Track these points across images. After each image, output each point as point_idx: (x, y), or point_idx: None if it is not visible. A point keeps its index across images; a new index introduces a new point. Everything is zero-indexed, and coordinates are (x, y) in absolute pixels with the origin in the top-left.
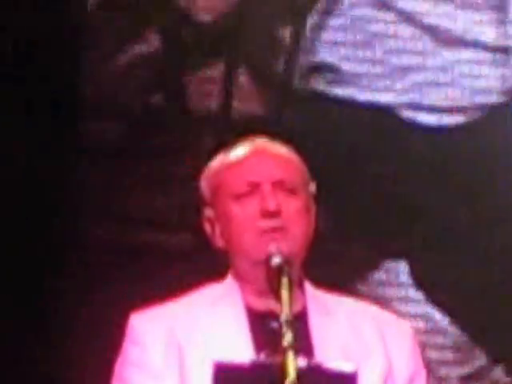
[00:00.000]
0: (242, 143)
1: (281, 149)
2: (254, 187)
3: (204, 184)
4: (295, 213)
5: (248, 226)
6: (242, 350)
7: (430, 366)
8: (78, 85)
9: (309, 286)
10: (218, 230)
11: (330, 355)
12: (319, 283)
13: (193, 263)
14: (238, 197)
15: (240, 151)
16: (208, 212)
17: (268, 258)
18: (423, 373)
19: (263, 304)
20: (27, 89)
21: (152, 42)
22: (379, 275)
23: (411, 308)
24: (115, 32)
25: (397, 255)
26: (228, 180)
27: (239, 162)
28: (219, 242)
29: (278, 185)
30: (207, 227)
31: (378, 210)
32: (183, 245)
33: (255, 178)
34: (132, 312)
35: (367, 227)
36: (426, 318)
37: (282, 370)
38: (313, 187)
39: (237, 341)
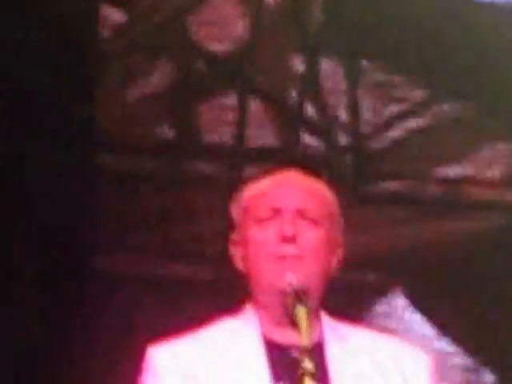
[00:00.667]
0: (272, 173)
1: (309, 180)
2: (276, 213)
3: (233, 209)
4: (314, 243)
5: (265, 251)
6: (260, 382)
7: None
8: (93, 118)
9: (325, 316)
10: (239, 253)
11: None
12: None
13: (211, 294)
14: (260, 221)
15: (268, 179)
16: (234, 236)
17: (283, 285)
18: None
19: (281, 334)
20: (42, 123)
21: (165, 73)
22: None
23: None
24: (129, 64)
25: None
26: (253, 205)
27: (266, 189)
28: (240, 265)
29: (300, 213)
30: (232, 250)
31: None
32: (202, 276)
33: (278, 204)
34: (150, 344)
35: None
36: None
37: None
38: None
39: (255, 373)
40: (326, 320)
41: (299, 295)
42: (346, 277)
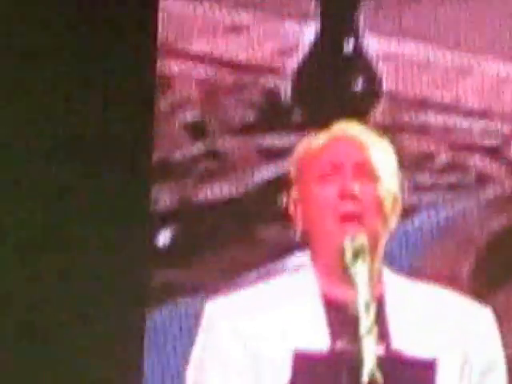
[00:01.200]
0: (330, 129)
1: (366, 133)
2: (336, 168)
3: (291, 165)
4: (375, 198)
5: (326, 208)
6: (319, 339)
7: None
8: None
9: (387, 273)
10: (299, 212)
11: (408, 342)
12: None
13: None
14: (321, 178)
15: (325, 134)
16: (293, 193)
17: (344, 242)
18: (502, 361)
19: (340, 292)
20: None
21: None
22: None
23: None
24: (184, 126)
25: None
26: (312, 161)
27: (324, 144)
28: (300, 224)
29: (360, 167)
30: (291, 209)
31: None
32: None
33: (337, 158)
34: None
35: None
36: None
37: (359, 358)
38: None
39: (314, 330)
40: (389, 277)
41: (359, 252)
42: None
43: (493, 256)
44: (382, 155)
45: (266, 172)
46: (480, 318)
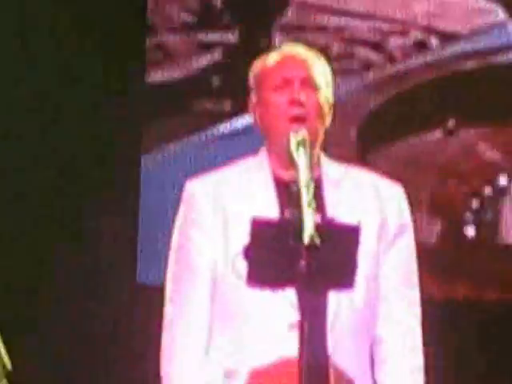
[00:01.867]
0: (280, 49)
1: (310, 53)
2: (287, 82)
3: (251, 76)
4: (316, 105)
5: (278, 111)
6: (270, 210)
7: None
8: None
9: (324, 159)
10: (257, 113)
11: (339, 212)
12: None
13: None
14: (274, 88)
15: (279, 53)
16: (253, 97)
17: (290, 135)
18: (411, 226)
19: (288, 174)
20: None
21: None
22: None
23: None
24: None
25: None
26: (267, 75)
27: (277, 62)
28: (257, 123)
29: (305, 81)
30: (251, 110)
31: None
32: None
33: (288, 74)
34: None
35: None
36: None
37: (301, 225)
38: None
39: (266, 202)
40: (325, 162)
41: (301, 142)
42: None
43: (372, 125)
44: (321, 70)
45: (202, 61)
46: (393, 191)
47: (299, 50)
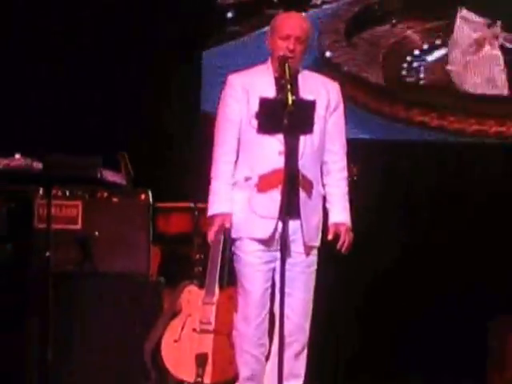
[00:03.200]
0: (286, 13)
1: (302, 18)
2: (288, 36)
3: (270, 25)
4: (301, 50)
5: (280, 49)
6: (270, 93)
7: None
8: None
9: (301, 68)
10: (269, 43)
11: (305, 94)
12: None
13: None
14: (280, 38)
15: (285, 14)
16: (268, 35)
17: (282, 56)
18: (342, 105)
19: (280, 74)
20: None
21: None
22: None
23: None
24: None
25: None
26: (278, 28)
27: (282, 22)
28: (268, 47)
29: (298, 38)
30: (266, 40)
31: None
32: None
33: (289, 31)
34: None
35: None
36: None
37: (286, 101)
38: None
39: (269, 89)
40: (301, 69)
41: (286, 58)
42: None
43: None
44: (306, 30)
45: None
46: (334, 85)
47: (297, 16)
